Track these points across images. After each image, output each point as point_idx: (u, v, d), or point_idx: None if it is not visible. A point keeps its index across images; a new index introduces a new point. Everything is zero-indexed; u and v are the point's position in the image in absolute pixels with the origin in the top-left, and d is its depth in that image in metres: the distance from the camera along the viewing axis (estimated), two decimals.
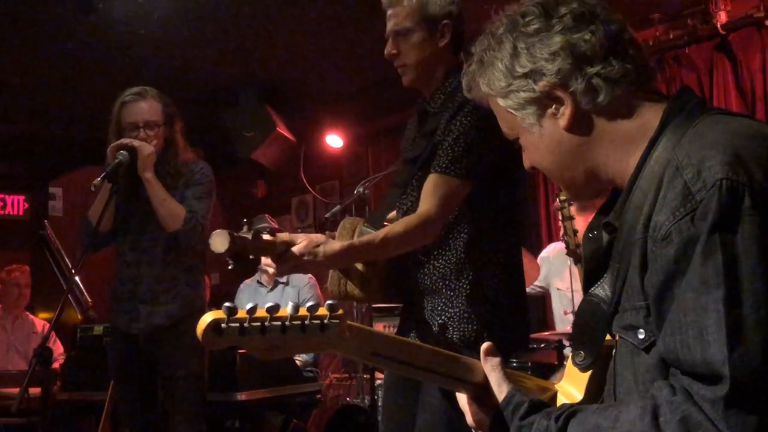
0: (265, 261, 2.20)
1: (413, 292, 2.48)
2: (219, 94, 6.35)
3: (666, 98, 1.33)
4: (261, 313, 1.17)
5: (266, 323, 1.17)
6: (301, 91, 6.46)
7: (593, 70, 1.28)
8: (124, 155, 3.23)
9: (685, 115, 1.26)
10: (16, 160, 7.99)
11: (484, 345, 1.41)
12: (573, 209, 3.87)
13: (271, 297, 5.15)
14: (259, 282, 5.54)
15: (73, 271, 4.22)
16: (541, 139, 1.37)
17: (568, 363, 1.45)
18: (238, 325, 1.15)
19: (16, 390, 4.44)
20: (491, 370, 1.39)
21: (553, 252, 4.46)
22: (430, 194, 2.33)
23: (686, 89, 1.36)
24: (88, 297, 4.75)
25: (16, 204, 8.24)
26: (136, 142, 3.29)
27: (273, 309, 1.17)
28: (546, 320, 4.88)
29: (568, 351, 3.96)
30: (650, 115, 1.29)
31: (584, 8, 1.32)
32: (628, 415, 1.14)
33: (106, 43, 5.34)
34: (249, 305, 1.16)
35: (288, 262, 2.14)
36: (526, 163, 1.44)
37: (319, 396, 4.73)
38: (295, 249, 2.12)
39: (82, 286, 4.70)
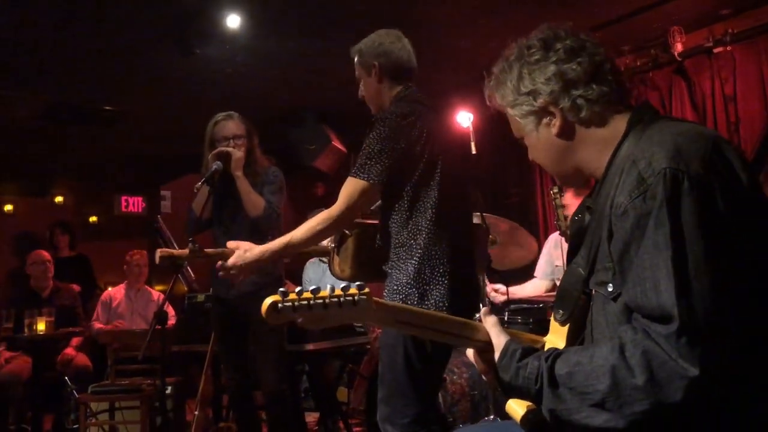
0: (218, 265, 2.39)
1: (386, 270, 2.33)
2: (287, 116, 6.31)
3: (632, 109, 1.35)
4: (307, 294, 1.19)
5: (311, 302, 1.19)
6: (349, 113, 6.33)
7: (577, 93, 1.30)
8: (219, 164, 3.22)
9: (643, 124, 1.28)
10: (135, 171, 8.06)
11: (483, 308, 1.40)
12: (566, 197, 3.79)
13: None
14: (320, 259, 5.47)
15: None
16: (538, 141, 1.39)
17: (552, 320, 1.43)
18: (290, 304, 1.18)
19: (141, 344, 4.54)
20: (492, 326, 1.37)
21: (552, 240, 4.37)
22: (340, 193, 2.25)
23: (645, 103, 1.38)
24: (192, 273, 4.77)
25: (136, 203, 8.36)
26: (229, 149, 3.30)
27: (316, 291, 1.19)
28: None
29: None
30: (619, 124, 1.31)
31: (575, 43, 1.33)
32: (600, 352, 1.15)
33: (202, 79, 5.35)
34: (298, 289, 1.19)
35: (227, 268, 2.30)
36: (530, 157, 1.45)
37: (368, 346, 4.66)
38: (229, 261, 2.29)
39: (187, 264, 4.72)
